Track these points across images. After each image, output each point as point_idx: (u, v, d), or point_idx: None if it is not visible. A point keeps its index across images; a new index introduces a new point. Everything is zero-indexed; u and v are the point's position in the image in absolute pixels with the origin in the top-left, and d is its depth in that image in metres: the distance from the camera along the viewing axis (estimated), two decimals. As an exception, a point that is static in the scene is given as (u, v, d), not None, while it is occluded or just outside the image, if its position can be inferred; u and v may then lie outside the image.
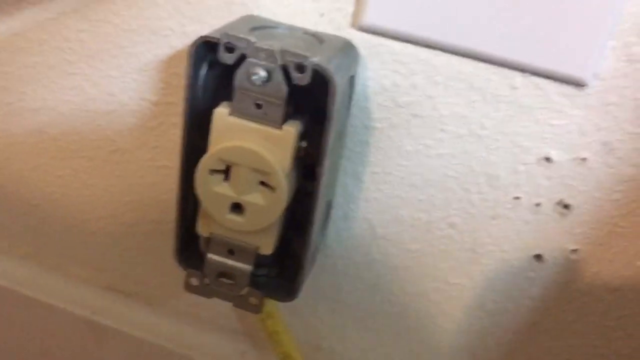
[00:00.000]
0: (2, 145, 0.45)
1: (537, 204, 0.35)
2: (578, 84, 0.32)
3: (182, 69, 0.38)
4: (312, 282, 0.42)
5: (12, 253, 0.51)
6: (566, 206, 0.35)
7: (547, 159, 0.34)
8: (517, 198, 0.35)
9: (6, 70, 0.42)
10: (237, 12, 0.35)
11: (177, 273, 0.46)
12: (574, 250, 0.36)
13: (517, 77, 0.32)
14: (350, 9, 0.34)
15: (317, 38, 0.33)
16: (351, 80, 0.34)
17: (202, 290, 0.36)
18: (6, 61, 0.42)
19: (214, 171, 0.32)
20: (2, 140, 0.45)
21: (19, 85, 0.42)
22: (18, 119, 0.44)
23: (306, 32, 0.34)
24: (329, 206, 0.38)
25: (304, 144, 0.32)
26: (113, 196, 0.45)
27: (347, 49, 0.33)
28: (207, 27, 0.36)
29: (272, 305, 0.40)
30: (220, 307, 0.46)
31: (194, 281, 0.36)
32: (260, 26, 0.33)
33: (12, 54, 0.41)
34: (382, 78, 0.34)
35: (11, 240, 0.50)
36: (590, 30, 0.31)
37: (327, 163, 0.32)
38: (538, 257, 0.37)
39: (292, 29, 0.34)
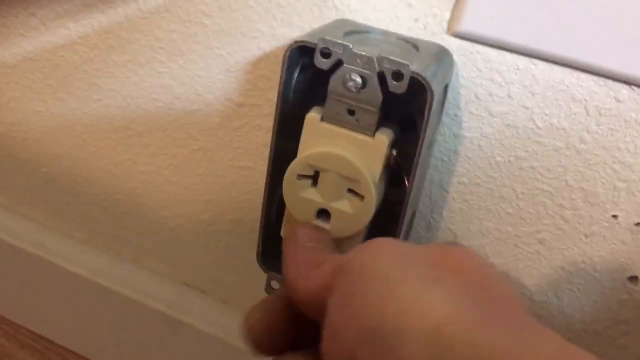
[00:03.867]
0: (89, 139, 0.47)
1: (637, 224, 0.33)
2: (691, 99, 0.30)
3: (269, 71, 0.38)
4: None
5: (92, 244, 0.52)
6: (669, 227, 0.33)
7: (651, 177, 0.32)
8: (614, 216, 0.34)
9: (97, 67, 0.43)
10: (329, 15, 0.35)
11: (253, 272, 0.46)
12: (675, 275, 0.34)
13: (623, 90, 0.31)
14: (446, 15, 0.33)
15: (412, 44, 0.32)
16: (445, 88, 0.33)
17: (282, 294, 0.35)
18: (97, 58, 0.43)
19: (302, 176, 0.32)
20: (88, 135, 0.46)
21: (109, 82, 0.43)
22: (106, 115, 0.45)
23: (400, 38, 0.33)
24: (413, 216, 0.37)
25: (394, 152, 0.31)
26: (193, 194, 0.45)
27: (442, 56, 0.32)
28: (297, 30, 0.36)
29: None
30: (293, 310, 0.46)
31: (275, 284, 0.35)
32: (354, 31, 0.33)
33: (103, 51, 0.42)
34: (477, 86, 0.33)
35: (93, 232, 0.52)
36: None
37: (417, 174, 0.31)
38: (633, 279, 0.35)
39: (385, 34, 0.33)
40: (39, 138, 0.48)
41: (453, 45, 0.33)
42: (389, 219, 0.34)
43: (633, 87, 0.31)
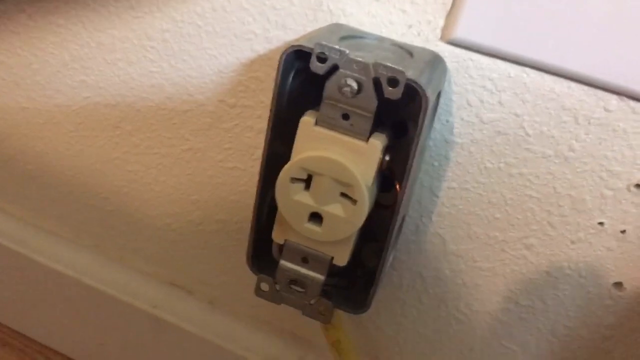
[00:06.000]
0: (76, 137, 0.46)
1: (623, 231, 0.34)
2: (678, 110, 0.30)
3: (262, 73, 0.38)
4: (377, 293, 0.42)
5: (78, 243, 0.52)
6: (653, 235, 0.34)
7: (638, 186, 0.33)
8: (601, 223, 0.34)
9: (87, 65, 0.43)
10: (323, 19, 0.35)
11: (240, 273, 0.46)
12: (658, 281, 0.35)
13: (613, 100, 0.31)
14: (440, 22, 0.33)
15: (407, 50, 0.32)
16: (438, 95, 0.33)
17: (272, 296, 0.35)
18: (87, 56, 0.43)
19: (295, 179, 0.32)
20: (77, 133, 0.46)
21: (98, 80, 0.43)
22: (94, 113, 0.45)
23: (394, 44, 0.33)
24: (403, 220, 0.37)
25: (387, 157, 0.32)
26: (181, 194, 0.45)
27: (436, 63, 0.33)
28: (291, 33, 0.36)
29: (335, 314, 0.40)
30: (280, 311, 0.46)
31: (265, 286, 0.35)
32: (349, 35, 0.33)
33: (94, 49, 0.42)
34: (468, 93, 0.34)
35: (78, 231, 0.51)
36: (696, 56, 0.29)
37: (410, 179, 0.31)
38: (618, 285, 0.35)
39: (380, 39, 0.34)
40: (25, 134, 0.48)
41: (446, 52, 0.33)
42: (379, 223, 0.34)
43: (622, 97, 0.31)
